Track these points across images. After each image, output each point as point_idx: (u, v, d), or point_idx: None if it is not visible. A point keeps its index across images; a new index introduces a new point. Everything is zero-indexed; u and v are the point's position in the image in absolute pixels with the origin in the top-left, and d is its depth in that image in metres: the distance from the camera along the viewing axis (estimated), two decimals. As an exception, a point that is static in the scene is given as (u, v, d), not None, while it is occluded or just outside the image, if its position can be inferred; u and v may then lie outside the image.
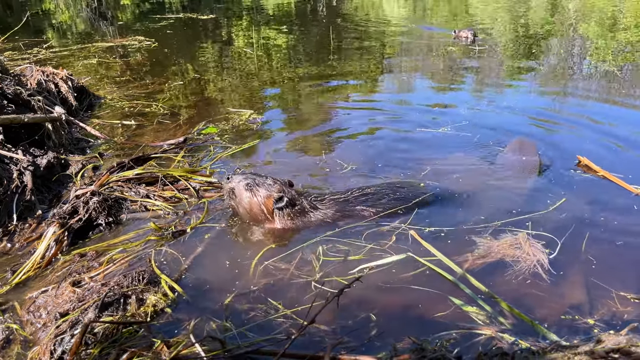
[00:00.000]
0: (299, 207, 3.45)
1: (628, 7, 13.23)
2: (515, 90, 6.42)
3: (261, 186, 3.42)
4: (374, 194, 3.59)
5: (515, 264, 2.97)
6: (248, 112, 5.69)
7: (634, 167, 4.21)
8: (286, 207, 3.41)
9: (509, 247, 3.10)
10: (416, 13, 13.95)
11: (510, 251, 3.08)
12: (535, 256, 3.01)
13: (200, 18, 12.95)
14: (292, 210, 3.43)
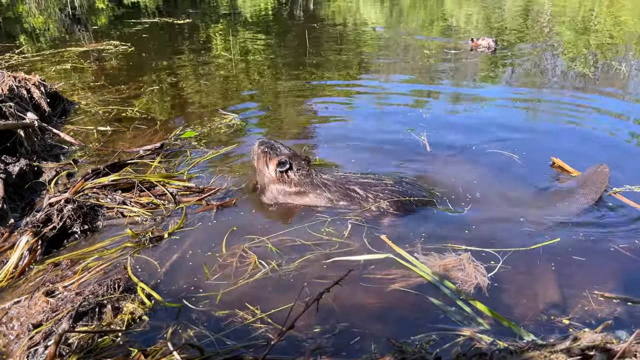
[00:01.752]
0: (304, 174, 3.82)
1: (600, 11, 13.55)
2: (489, 95, 6.50)
3: (274, 151, 3.90)
4: (374, 179, 3.80)
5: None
6: (226, 116, 5.66)
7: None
8: (288, 172, 3.79)
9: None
10: (393, 18, 14.06)
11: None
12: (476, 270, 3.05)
13: (176, 22, 12.84)
14: (295, 175, 3.80)
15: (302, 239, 3.33)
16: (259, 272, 3.00)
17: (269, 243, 3.29)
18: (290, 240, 3.33)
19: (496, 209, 3.67)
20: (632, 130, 5.10)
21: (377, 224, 3.50)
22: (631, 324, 2.56)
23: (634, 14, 12.90)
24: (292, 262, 3.09)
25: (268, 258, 3.13)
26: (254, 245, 3.28)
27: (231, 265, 3.07)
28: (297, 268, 3.04)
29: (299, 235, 3.38)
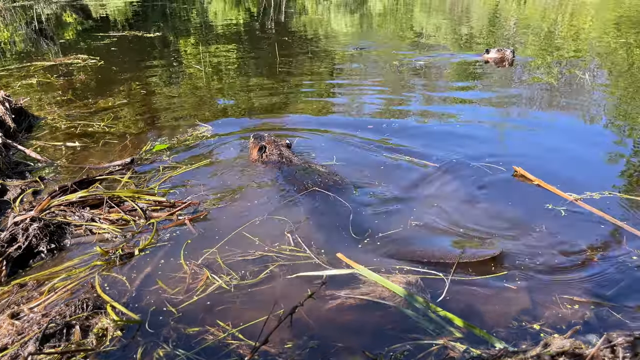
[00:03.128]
0: (275, 155, 4.78)
1: (563, 22, 13.97)
2: (456, 103, 6.61)
3: (259, 140, 4.95)
4: (313, 172, 4.40)
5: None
6: (198, 130, 5.62)
7: (569, 174, 4.41)
8: (264, 154, 4.80)
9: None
10: (363, 29, 14.23)
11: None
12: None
13: (146, 36, 12.73)
14: (267, 156, 4.79)
15: (274, 253, 3.31)
16: (229, 286, 2.97)
17: (238, 256, 3.26)
18: (259, 254, 3.30)
19: (458, 218, 3.73)
20: (594, 138, 5.24)
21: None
22: (600, 327, 2.61)
23: (596, 25, 13.33)
24: (264, 277, 3.06)
25: (238, 272, 3.10)
26: (224, 259, 3.24)
27: (201, 280, 3.02)
28: (266, 282, 3.01)
29: (270, 249, 3.36)
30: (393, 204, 3.94)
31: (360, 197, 4.06)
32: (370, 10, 18.61)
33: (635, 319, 2.67)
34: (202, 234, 3.56)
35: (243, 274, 3.10)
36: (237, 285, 2.98)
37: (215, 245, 3.41)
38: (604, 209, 3.70)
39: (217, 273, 3.10)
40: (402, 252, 3.29)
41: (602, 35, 11.66)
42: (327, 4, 21.77)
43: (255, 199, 4.08)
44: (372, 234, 3.52)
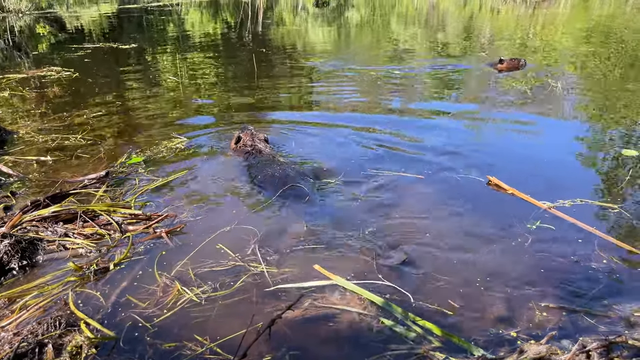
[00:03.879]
0: (251, 149, 5.18)
1: (535, 32, 14.29)
2: (428, 112, 6.68)
3: (242, 130, 5.46)
4: (275, 163, 4.74)
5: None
6: (174, 141, 5.57)
7: (543, 182, 4.49)
8: (239, 145, 5.30)
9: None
10: (341, 40, 14.33)
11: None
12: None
13: (122, 47, 12.61)
14: (244, 148, 5.23)
15: (251, 264, 3.29)
16: (204, 299, 2.94)
17: (216, 267, 3.23)
18: (238, 267, 3.28)
19: (430, 227, 3.76)
20: (566, 146, 5.35)
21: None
22: (575, 332, 2.65)
23: (566, 35, 13.66)
24: (238, 288, 3.04)
25: (213, 283, 3.07)
26: (200, 271, 3.21)
27: (178, 294, 2.98)
28: (241, 293, 2.99)
29: (248, 261, 3.34)
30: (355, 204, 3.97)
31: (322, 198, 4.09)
32: (349, 21, 18.77)
33: (608, 324, 2.71)
34: (179, 247, 3.52)
35: (217, 285, 3.07)
36: (212, 297, 2.95)
37: (191, 257, 3.37)
38: (577, 216, 3.77)
39: (191, 285, 3.07)
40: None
41: (572, 44, 11.95)
42: (305, 15, 21.91)
43: (230, 207, 4.08)
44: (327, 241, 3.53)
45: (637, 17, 16.89)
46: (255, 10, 24.10)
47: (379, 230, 3.70)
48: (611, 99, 7.04)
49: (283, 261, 3.33)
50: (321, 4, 26.31)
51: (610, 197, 4.14)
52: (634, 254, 3.34)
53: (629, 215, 3.83)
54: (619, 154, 4.99)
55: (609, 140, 5.39)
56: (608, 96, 7.17)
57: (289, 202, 4.12)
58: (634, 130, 5.68)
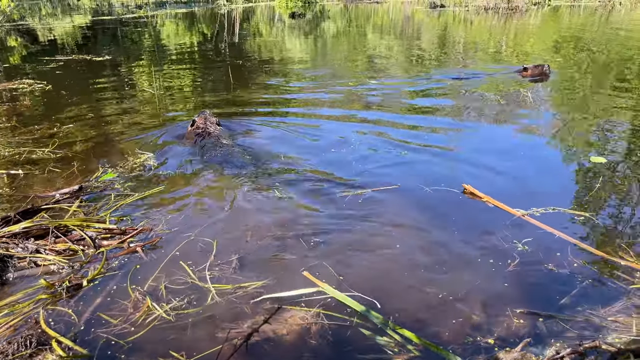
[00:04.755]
0: (201, 131, 5.79)
1: (507, 42, 14.59)
2: (403, 120, 6.75)
3: (199, 115, 6.10)
4: (218, 145, 5.42)
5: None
6: (150, 155, 5.51)
7: (517, 190, 4.57)
8: (192, 127, 5.95)
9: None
10: (318, 51, 14.41)
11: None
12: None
13: (95, 59, 12.48)
14: (196, 130, 5.88)
15: (227, 276, 3.26)
16: (181, 315, 2.90)
17: (194, 280, 3.19)
18: (212, 278, 3.24)
19: (409, 239, 3.79)
20: (538, 155, 5.45)
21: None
22: (550, 338, 2.69)
23: (537, 45, 13.99)
24: (213, 301, 3.01)
25: (187, 297, 3.04)
26: (175, 285, 3.17)
27: (150, 310, 2.94)
28: (220, 307, 2.96)
29: (223, 273, 3.31)
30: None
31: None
32: (325, 32, 18.91)
33: (582, 329, 2.76)
34: (154, 261, 3.47)
35: (192, 299, 3.03)
36: (187, 312, 2.91)
37: (167, 271, 3.32)
38: (549, 224, 3.84)
39: (166, 300, 3.02)
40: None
41: (543, 54, 12.24)
42: (281, 26, 22.00)
43: (206, 216, 4.08)
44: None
45: (605, 27, 17.40)
46: (231, 22, 24.12)
47: (334, 240, 3.70)
48: (581, 107, 7.22)
49: (258, 271, 3.31)
50: (297, 16, 26.47)
51: (581, 204, 4.23)
52: (605, 259, 3.41)
53: (600, 221, 3.92)
54: (588, 161, 5.11)
55: (578, 148, 5.52)
56: (577, 104, 7.35)
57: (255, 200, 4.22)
58: (602, 138, 5.82)
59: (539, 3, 25.83)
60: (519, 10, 24.37)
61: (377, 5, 31.96)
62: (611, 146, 5.55)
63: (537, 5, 25.66)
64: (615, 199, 4.30)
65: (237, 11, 29.97)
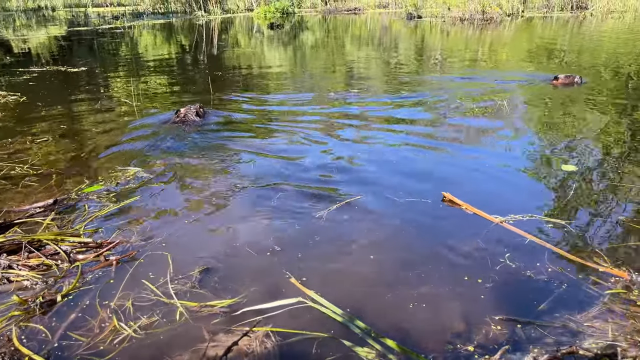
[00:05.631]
0: (179, 120, 6.97)
1: (483, 52, 14.84)
2: (383, 130, 6.79)
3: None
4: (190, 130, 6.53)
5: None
6: (126, 168, 5.43)
7: (492, 199, 4.62)
8: (176, 116, 7.11)
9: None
10: (297, 62, 14.46)
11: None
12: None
13: (71, 71, 12.31)
14: (177, 119, 7.01)
15: (206, 290, 3.22)
16: (161, 328, 2.85)
17: (168, 293, 3.15)
18: (188, 293, 3.21)
19: (387, 246, 3.81)
20: (513, 164, 5.52)
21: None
22: (528, 344, 2.71)
23: (512, 55, 14.26)
24: (195, 315, 2.97)
25: (162, 313, 2.99)
26: (151, 300, 3.11)
27: (128, 324, 2.88)
28: (197, 320, 2.92)
29: (201, 285, 3.27)
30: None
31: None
32: (304, 43, 18.99)
33: (560, 334, 2.79)
34: (130, 274, 3.41)
35: (168, 314, 2.98)
36: (164, 327, 2.87)
37: (143, 284, 3.27)
38: (526, 230, 3.89)
39: (141, 315, 2.97)
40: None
41: (517, 64, 12.47)
42: (260, 37, 22.04)
43: (183, 228, 4.03)
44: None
45: (576, 38, 17.83)
46: (210, 33, 24.08)
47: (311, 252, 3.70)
48: (554, 115, 7.36)
49: (233, 285, 3.28)
50: (276, 27, 26.56)
51: (556, 211, 4.29)
52: (581, 264, 3.46)
53: (575, 228, 3.98)
54: (560, 170, 5.19)
55: (551, 157, 5.60)
56: (551, 113, 7.50)
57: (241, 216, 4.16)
58: (573, 146, 5.94)
59: (512, 14, 26.37)
60: (494, 21, 24.85)
61: (355, 16, 32.25)
62: (581, 154, 5.66)
63: (511, 16, 26.19)
64: (588, 206, 4.38)
65: (215, 22, 29.94)
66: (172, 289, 3.23)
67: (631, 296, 3.12)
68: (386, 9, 35.29)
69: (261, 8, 34.92)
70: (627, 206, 4.34)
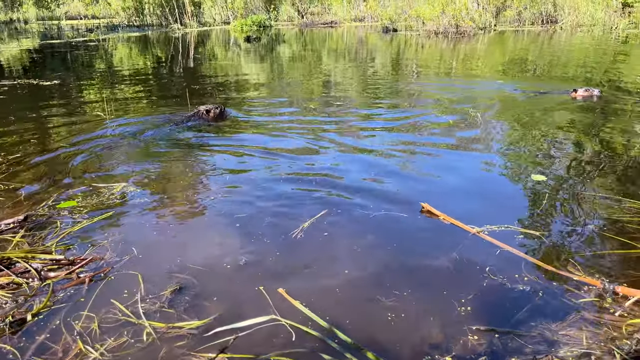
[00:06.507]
0: (194, 113, 8.10)
1: (457, 65, 15.11)
2: (363, 142, 6.83)
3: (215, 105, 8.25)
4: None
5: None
6: (103, 183, 5.34)
7: (471, 207, 4.68)
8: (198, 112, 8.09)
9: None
10: (274, 74, 14.48)
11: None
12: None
13: (43, 84, 12.11)
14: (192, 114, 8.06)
15: (180, 311, 3.17)
16: (128, 350, 2.79)
17: (128, 317, 3.08)
18: (158, 313, 3.15)
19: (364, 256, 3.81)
20: (492, 173, 5.61)
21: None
22: (505, 354, 2.73)
23: (485, 68, 14.54)
24: (171, 334, 2.91)
25: (138, 332, 2.93)
26: (108, 324, 3.05)
27: (95, 346, 2.81)
28: (173, 339, 2.87)
29: (171, 305, 3.22)
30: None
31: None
32: (281, 56, 19.04)
33: (537, 343, 2.82)
34: (102, 291, 3.34)
35: (141, 333, 2.92)
36: (129, 350, 2.80)
37: (115, 301, 3.20)
38: (502, 240, 3.93)
39: (114, 335, 2.90)
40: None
41: (491, 75, 12.72)
42: (237, 49, 22.05)
43: (160, 242, 3.98)
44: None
45: (546, 50, 18.29)
46: (186, 45, 24.00)
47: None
48: (526, 126, 7.50)
49: (206, 301, 3.23)
50: (253, 40, 26.61)
51: (531, 221, 4.36)
52: (556, 273, 3.51)
53: (549, 237, 4.05)
54: (531, 180, 5.27)
55: (526, 167, 5.70)
56: (523, 124, 7.65)
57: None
58: (546, 156, 6.05)
59: (485, 28, 26.93)
60: (467, 34, 25.34)
61: (331, 30, 32.54)
62: (554, 165, 5.77)
63: (484, 30, 26.75)
64: (562, 216, 4.45)
65: (191, 35, 29.88)
66: (141, 309, 3.16)
67: (604, 304, 3.18)
68: (362, 22, 35.70)
69: (238, 21, 34.99)
70: (599, 216, 4.42)
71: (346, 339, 2.84)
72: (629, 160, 5.88)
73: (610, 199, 4.74)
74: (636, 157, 5.99)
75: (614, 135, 6.99)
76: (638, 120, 7.74)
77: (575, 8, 26.97)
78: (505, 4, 28.86)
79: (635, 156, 6.01)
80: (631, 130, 7.15)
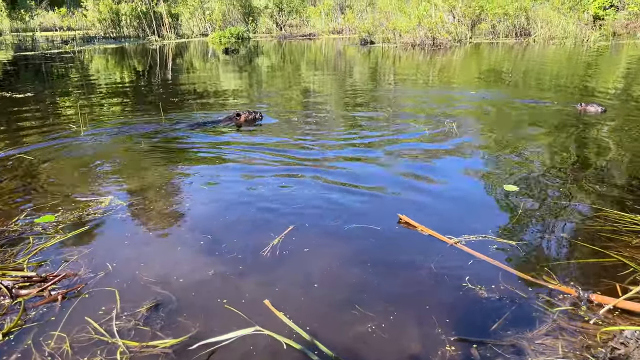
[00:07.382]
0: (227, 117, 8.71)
1: (434, 76, 15.32)
2: (341, 152, 6.85)
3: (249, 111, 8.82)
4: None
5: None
6: (76, 197, 5.24)
7: (448, 218, 4.72)
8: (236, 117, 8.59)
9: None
10: (253, 87, 14.47)
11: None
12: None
13: (16, 96, 11.89)
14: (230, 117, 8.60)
15: (156, 328, 3.12)
16: (112, 366, 2.73)
17: (102, 337, 3.02)
18: (132, 330, 3.09)
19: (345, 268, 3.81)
20: (468, 183, 5.67)
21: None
22: (484, 364, 2.75)
23: (461, 79, 14.77)
24: (142, 354, 2.86)
25: (111, 350, 2.87)
26: (90, 340, 2.98)
27: (79, 363, 2.75)
28: (151, 358, 2.81)
29: (155, 322, 3.16)
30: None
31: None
32: (259, 68, 19.06)
33: (513, 353, 2.84)
34: (75, 309, 3.27)
35: (107, 354, 2.86)
36: (118, 363, 2.75)
37: (89, 319, 3.13)
38: (479, 250, 3.97)
39: (89, 354, 2.84)
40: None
41: (466, 86, 12.92)
42: (215, 61, 22.00)
43: (137, 259, 3.89)
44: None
45: (520, 62, 18.68)
46: (164, 57, 23.86)
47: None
48: (501, 138, 7.63)
49: (182, 318, 3.19)
50: (231, 51, 26.60)
51: (507, 231, 4.41)
52: (532, 283, 3.55)
53: (524, 247, 4.10)
54: (503, 190, 5.34)
55: (499, 177, 5.77)
56: (498, 133, 7.77)
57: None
58: (520, 167, 6.15)
59: (461, 40, 27.38)
60: (443, 46, 25.74)
61: (310, 42, 32.73)
62: (526, 174, 5.86)
63: (460, 42, 27.19)
64: (536, 225, 4.52)
65: (169, 47, 29.73)
66: (115, 327, 3.09)
67: (579, 312, 3.22)
68: (340, 34, 36.00)
69: (216, 33, 34.96)
70: (573, 225, 4.50)
71: (326, 351, 2.82)
72: (601, 169, 6.02)
73: (583, 208, 4.83)
74: (608, 166, 6.13)
75: (587, 144, 7.15)
76: (608, 129, 7.94)
77: (547, 21, 27.62)
78: (480, 17, 29.41)
79: (606, 165, 6.15)
80: (602, 140, 7.33)
